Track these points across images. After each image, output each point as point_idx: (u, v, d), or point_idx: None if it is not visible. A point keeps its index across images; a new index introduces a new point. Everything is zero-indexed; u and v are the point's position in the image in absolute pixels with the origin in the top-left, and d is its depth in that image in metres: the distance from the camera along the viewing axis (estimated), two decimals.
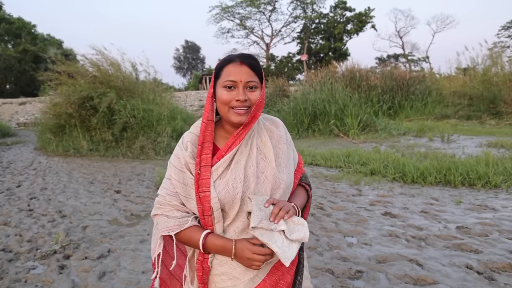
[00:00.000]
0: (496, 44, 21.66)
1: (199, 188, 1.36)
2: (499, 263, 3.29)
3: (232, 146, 1.39)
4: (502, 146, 8.76)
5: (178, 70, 68.74)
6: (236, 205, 1.36)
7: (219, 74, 1.40)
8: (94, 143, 11.60)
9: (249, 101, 1.37)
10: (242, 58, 1.38)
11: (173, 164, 1.46)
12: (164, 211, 1.44)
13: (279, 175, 1.42)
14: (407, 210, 4.91)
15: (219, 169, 1.37)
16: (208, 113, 1.43)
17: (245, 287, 1.40)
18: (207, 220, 1.38)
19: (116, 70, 12.52)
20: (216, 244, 1.36)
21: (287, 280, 1.46)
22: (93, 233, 4.60)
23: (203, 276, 1.42)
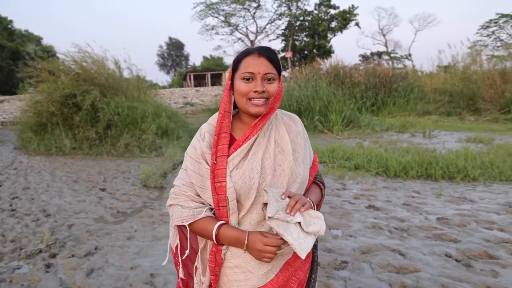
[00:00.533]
0: (476, 43, 22.08)
1: (214, 178, 1.36)
2: (476, 251, 3.43)
3: (250, 136, 1.40)
4: (480, 141, 9.00)
5: (162, 67, 68.17)
6: (252, 196, 1.35)
7: (237, 66, 1.41)
8: (77, 142, 11.48)
9: (267, 93, 1.37)
10: (260, 50, 1.39)
11: (189, 155, 1.46)
12: (179, 201, 1.44)
13: (296, 168, 1.42)
14: (390, 203, 5.03)
15: (236, 159, 1.38)
16: (226, 104, 1.44)
17: (259, 282, 1.40)
18: (222, 211, 1.38)
19: (99, 68, 12.40)
20: (229, 235, 1.35)
21: (299, 276, 1.46)
22: (79, 231, 4.59)
23: (215, 268, 1.42)
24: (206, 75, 41.79)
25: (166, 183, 7.00)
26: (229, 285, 1.43)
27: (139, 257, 3.77)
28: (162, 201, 5.77)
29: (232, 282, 1.42)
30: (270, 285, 1.40)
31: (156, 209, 5.37)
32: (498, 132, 10.53)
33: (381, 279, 3.06)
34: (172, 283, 3.18)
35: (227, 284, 1.43)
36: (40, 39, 44.73)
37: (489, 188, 5.55)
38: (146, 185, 6.86)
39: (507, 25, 44.51)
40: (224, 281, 1.44)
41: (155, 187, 6.73)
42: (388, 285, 2.97)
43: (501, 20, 44.41)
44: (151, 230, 4.53)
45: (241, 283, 1.41)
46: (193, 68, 50.64)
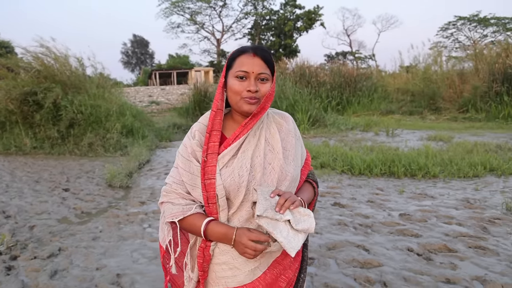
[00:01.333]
0: (437, 44, 22.90)
1: (205, 175, 1.37)
2: (436, 245, 3.58)
3: (240, 135, 1.41)
4: (441, 140, 9.35)
5: (126, 65, 66.77)
6: (241, 193, 1.36)
7: (232, 64, 1.41)
8: (38, 141, 11.08)
9: (260, 93, 1.38)
10: (255, 50, 1.39)
11: (180, 153, 1.48)
12: (169, 199, 1.46)
13: (286, 167, 1.43)
14: (355, 200, 5.16)
15: (226, 157, 1.39)
16: (218, 102, 1.44)
17: (245, 278, 1.41)
18: (211, 208, 1.39)
19: (62, 65, 12.03)
20: (217, 231, 1.36)
21: (288, 275, 1.48)
22: (41, 233, 4.46)
23: (203, 263, 1.43)
24: (172, 73, 41.30)
25: (132, 183, 6.90)
26: (217, 281, 1.44)
27: (105, 257, 3.71)
28: (128, 201, 5.68)
29: (220, 278, 1.43)
30: (257, 282, 1.41)
31: (122, 209, 5.28)
32: (457, 131, 10.98)
33: (346, 274, 3.14)
34: (139, 283, 3.15)
35: (215, 280, 1.44)
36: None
37: (448, 184, 5.78)
38: (111, 185, 6.73)
39: (465, 27, 46.38)
40: (212, 277, 1.45)
41: (120, 187, 6.62)
42: (353, 280, 3.05)
43: (459, 22, 46.23)
44: (116, 230, 4.45)
45: (229, 280, 1.42)
46: (159, 67, 49.84)
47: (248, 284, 1.41)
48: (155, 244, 3.98)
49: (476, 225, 4.07)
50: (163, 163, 8.67)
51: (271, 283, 1.43)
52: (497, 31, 43.92)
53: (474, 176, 6.14)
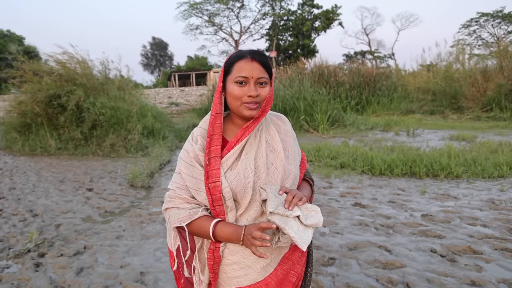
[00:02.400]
0: (459, 41, 22.48)
1: (208, 179, 1.39)
2: (460, 247, 3.53)
3: (242, 138, 1.44)
4: (463, 139, 9.19)
5: (146, 67, 67.67)
6: (248, 194, 1.39)
7: (230, 69, 1.43)
8: (62, 142, 11.34)
9: (260, 97, 1.41)
10: (253, 54, 1.41)
11: (182, 159, 1.50)
12: (174, 204, 1.48)
13: (288, 166, 1.47)
14: (376, 201, 5.12)
15: (229, 160, 1.42)
16: (217, 106, 1.47)
17: (258, 276, 1.43)
18: (218, 211, 1.41)
19: (84, 69, 12.28)
20: (225, 231, 1.37)
21: (297, 270, 1.51)
22: (67, 231, 4.57)
23: (214, 265, 1.44)
24: (191, 75, 41.65)
25: (153, 183, 6.99)
26: (228, 281, 1.46)
27: (129, 256, 3.78)
28: (150, 201, 5.77)
29: (231, 278, 1.45)
30: (269, 278, 1.44)
31: (144, 209, 5.37)
32: (481, 130, 10.77)
33: (368, 274, 3.13)
34: (162, 281, 3.20)
35: (226, 281, 1.46)
36: (23, 39, 43.97)
37: (472, 185, 5.69)
38: (133, 185, 6.84)
39: (488, 24, 45.38)
40: (223, 278, 1.47)
41: (142, 187, 6.72)
42: (375, 281, 3.04)
43: (482, 19, 45.25)
44: (139, 229, 4.53)
45: (241, 279, 1.44)
46: (178, 68, 50.36)
47: (261, 281, 1.43)
48: None
49: (502, 226, 4.00)
50: None
51: (282, 279, 1.46)
52: None
53: (499, 176, 6.02)
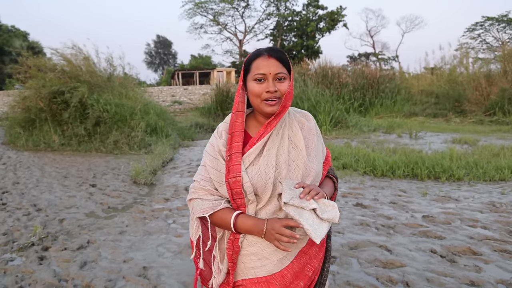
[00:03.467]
0: (462, 45, 22.46)
1: (229, 173, 1.45)
2: (459, 247, 3.56)
3: (264, 134, 1.47)
4: (466, 143, 9.20)
5: (149, 65, 67.81)
6: (269, 189, 1.43)
7: (249, 68, 1.48)
8: (66, 138, 11.41)
9: (279, 92, 1.44)
10: (269, 51, 1.46)
11: (208, 152, 1.56)
12: (198, 195, 1.53)
13: (310, 163, 1.50)
14: (377, 201, 5.15)
15: (251, 156, 1.46)
16: (238, 104, 1.52)
17: (274, 268, 1.47)
18: (238, 203, 1.46)
19: (88, 66, 12.34)
20: (246, 223, 1.43)
21: (314, 264, 1.54)
22: (70, 226, 4.62)
23: (233, 255, 1.49)
24: (194, 73, 41.71)
25: (156, 180, 7.04)
26: (246, 272, 1.50)
27: (132, 250, 3.82)
28: (153, 198, 5.81)
29: (248, 269, 1.49)
30: (285, 271, 1.47)
31: (147, 205, 5.41)
32: (483, 134, 10.77)
33: (369, 273, 3.17)
34: (165, 276, 3.24)
35: (244, 271, 1.51)
36: (27, 34, 44.09)
37: (473, 187, 5.71)
38: (136, 181, 6.89)
39: (493, 28, 45.30)
40: (241, 268, 1.51)
41: (145, 184, 6.77)
42: (375, 279, 3.07)
43: (487, 23, 45.17)
44: (142, 225, 4.58)
45: (257, 270, 1.48)
46: (181, 67, 50.39)
47: (277, 273, 1.47)
48: (180, 239, 4.08)
49: (502, 228, 4.02)
50: (186, 162, 8.81)
51: (298, 272, 1.50)
52: None
53: (501, 179, 6.03)
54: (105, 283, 3.16)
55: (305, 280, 1.51)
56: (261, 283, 1.47)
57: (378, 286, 2.96)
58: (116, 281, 3.21)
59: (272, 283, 1.46)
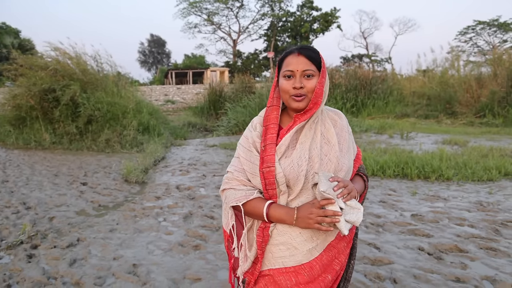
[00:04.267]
0: (454, 48, 22.62)
1: (263, 164, 1.50)
2: (447, 245, 3.61)
3: (292, 126, 1.53)
4: (456, 144, 9.29)
5: (143, 64, 67.53)
6: (300, 182, 1.47)
7: (281, 65, 1.55)
8: (57, 136, 11.35)
9: (306, 89, 1.49)
10: (300, 49, 1.51)
11: (242, 144, 1.63)
12: (231, 185, 1.59)
13: (342, 158, 1.54)
14: (367, 200, 5.19)
15: (282, 148, 1.51)
16: (272, 99, 1.59)
17: (303, 258, 1.49)
18: (270, 194, 1.51)
19: (77, 64, 12.27)
20: (278, 211, 1.47)
21: (341, 259, 1.57)
22: (60, 224, 4.61)
23: (262, 243, 1.52)
24: (188, 73, 41.63)
25: (148, 178, 7.03)
26: (273, 261, 1.52)
27: (122, 248, 3.82)
28: (144, 196, 5.81)
29: (276, 258, 1.52)
30: (314, 262, 1.50)
31: (138, 203, 5.41)
32: (473, 135, 10.88)
33: (357, 270, 3.20)
34: (155, 273, 3.25)
35: (271, 261, 1.53)
36: (19, 32, 43.73)
37: (461, 187, 5.78)
38: (128, 180, 6.88)
39: (484, 32, 45.72)
40: (268, 258, 1.54)
41: (136, 182, 6.76)
42: (363, 276, 3.10)
43: (479, 27, 45.58)
44: (133, 223, 4.57)
45: (286, 260, 1.50)
46: (175, 66, 50.23)
47: (306, 264, 1.49)
48: (170, 237, 4.09)
49: (488, 227, 4.08)
50: (178, 160, 8.80)
51: (326, 264, 1.52)
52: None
53: (489, 180, 6.11)
54: (94, 280, 3.16)
55: (332, 274, 1.54)
56: (289, 273, 1.49)
57: (366, 282, 2.99)
58: (105, 278, 3.21)
59: (301, 274, 1.48)
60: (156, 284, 3.07)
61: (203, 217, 4.72)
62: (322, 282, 1.50)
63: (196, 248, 3.78)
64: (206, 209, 5.02)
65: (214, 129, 15.24)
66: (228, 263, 3.38)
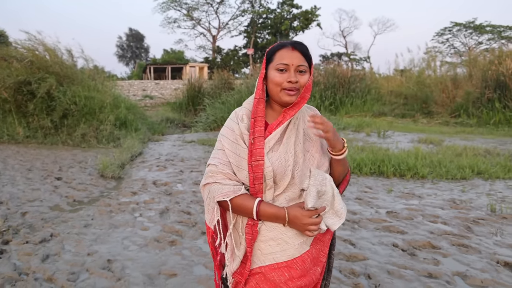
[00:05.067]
0: (431, 49, 23.09)
1: (252, 157, 1.47)
2: (420, 242, 3.68)
3: (282, 121, 1.52)
4: (431, 142, 9.48)
5: (121, 59, 66.47)
6: (287, 177, 1.47)
7: (272, 58, 1.52)
8: (31, 130, 11.06)
9: (299, 84, 1.49)
10: (294, 44, 1.50)
11: (226, 136, 1.57)
12: (216, 179, 1.51)
13: (323, 154, 1.57)
14: (344, 197, 5.24)
15: (271, 142, 1.50)
16: (260, 91, 1.55)
17: (295, 252, 1.47)
18: (257, 189, 1.47)
19: (53, 57, 11.98)
20: (268, 212, 1.44)
21: (325, 252, 1.60)
22: (33, 219, 4.50)
23: (251, 240, 1.48)
24: (166, 68, 41.26)
25: (124, 174, 6.94)
26: (263, 258, 1.49)
27: (96, 244, 3.76)
28: (120, 191, 5.73)
29: (266, 255, 1.48)
30: (306, 255, 1.49)
31: (114, 199, 5.33)
32: (448, 135, 11.11)
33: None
34: (130, 268, 3.21)
35: (260, 258, 1.49)
36: None
37: (436, 185, 5.90)
38: (104, 175, 6.78)
39: (460, 33, 46.72)
40: (257, 255, 1.50)
41: (112, 177, 6.67)
42: (338, 272, 3.13)
43: (455, 28, 46.56)
44: (108, 218, 4.51)
45: (277, 255, 1.47)
46: (153, 61, 49.70)
47: (298, 257, 1.48)
48: (146, 233, 4.04)
49: (460, 224, 4.18)
50: (155, 156, 8.71)
51: (316, 257, 1.54)
52: (492, 39, 44.29)
53: (462, 178, 6.26)
54: (67, 276, 3.10)
55: (320, 266, 1.56)
56: (282, 268, 1.46)
57: (341, 278, 3.02)
58: (79, 274, 3.15)
59: (293, 268, 1.46)
60: (131, 279, 3.03)
61: (179, 212, 4.69)
62: (313, 274, 1.51)
63: (172, 244, 3.75)
64: (183, 205, 4.99)
65: (192, 125, 15.15)
66: (205, 259, 3.37)
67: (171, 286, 2.95)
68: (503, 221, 4.30)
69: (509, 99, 12.87)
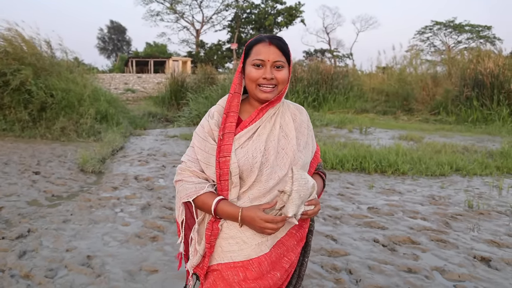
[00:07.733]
0: (413, 47, 23.38)
1: (220, 153, 1.45)
2: (400, 237, 3.73)
3: (256, 118, 1.50)
4: (411, 139, 9.61)
5: (102, 51, 65.38)
6: (254, 174, 1.45)
7: (249, 52, 1.49)
8: (8, 123, 10.75)
9: (276, 80, 1.46)
10: (271, 39, 1.47)
11: (197, 133, 1.57)
12: (183, 177, 1.54)
13: (298, 153, 1.53)
14: (326, 193, 5.28)
15: (242, 139, 1.47)
16: (236, 86, 1.53)
17: (252, 252, 1.46)
18: (223, 185, 1.47)
19: (30, 48, 11.68)
20: (225, 211, 1.43)
21: (290, 257, 1.54)
22: (10, 214, 4.39)
23: (211, 237, 1.48)
24: (149, 62, 40.80)
25: (105, 168, 6.84)
26: (222, 256, 1.48)
27: (75, 239, 3.70)
28: (100, 186, 5.64)
29: (225, 253, 1.48)
30: (263, 258, 1.46)
31: (94, 194, 5.24)
32: (428, 132, 11.29)
33: (314, 261, 3.24)
34: (110, 265, 3.17)
35: (220, 255, 1.49)
36: None
37: (416, 181, 5.99)
38: (84, 169, 6.67)
39: (441, 32, 47.47)
40: (217, 252, 1.50)
41: (92, 172, 6.56)
42: (320, 267, 3.15)
43: (436, 27, 47.28)
44: (88, 213, 4.43)
45: (234, 254, 1.46)
46: (136, 54, 49.03)
47: (254, 259, 1.46)
48: (127, 228, 3.99)
49: (439, 220, 4.25)
50: (136, 150, 8.62)
51: (275, 262, 1.49)
52: (471, 38, 45.17)
53: (441, 174, 6.37)
54: (45, 272, 3.04)
55: (281, 272, 1.51)
56: (237, 268, 1.46)
57: (323, 273, 3.04)
58: (57, 270, 3.09)
59: (249, 269, 1.45)
60: (111, 276, 2.99)
61: (161, 208, 4.64)
62: (271, 279, 1.47)
63: (154, 240, 3.72)
64: (165, 200, 4.94)
65: (175, 120, 15.01)
66: None
67: (152, 282, 2.93)
68: (480, 217, 4.39)
69: (486, 98, 13.13)
